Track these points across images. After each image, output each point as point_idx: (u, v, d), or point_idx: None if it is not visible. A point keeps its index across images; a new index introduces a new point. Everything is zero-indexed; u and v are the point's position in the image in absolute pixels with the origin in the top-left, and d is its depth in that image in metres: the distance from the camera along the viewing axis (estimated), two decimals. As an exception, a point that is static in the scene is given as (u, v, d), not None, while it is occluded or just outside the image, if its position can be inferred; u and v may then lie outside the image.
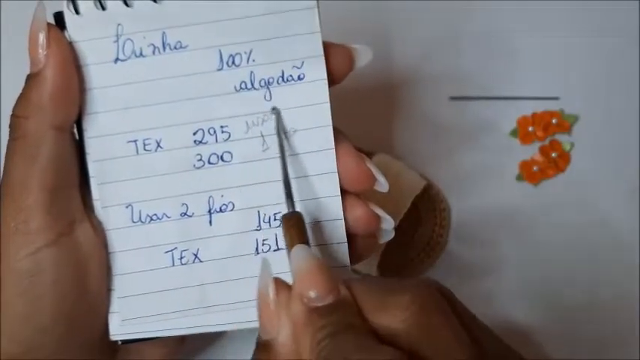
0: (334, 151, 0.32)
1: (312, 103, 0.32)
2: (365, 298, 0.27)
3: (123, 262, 0.33)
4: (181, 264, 0.33)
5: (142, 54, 0.31)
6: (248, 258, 0.33)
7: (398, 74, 0.50)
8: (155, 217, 0.32)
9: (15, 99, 0.31)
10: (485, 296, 0.46)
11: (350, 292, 0.27)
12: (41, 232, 0.30)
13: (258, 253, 0.33)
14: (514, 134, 0.49)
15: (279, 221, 0.33)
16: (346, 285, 0.28)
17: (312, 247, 0.30)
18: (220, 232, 0.33)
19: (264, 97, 0.32)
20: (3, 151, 0.31)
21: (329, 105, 0.32)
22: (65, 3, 0.31)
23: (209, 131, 0.32)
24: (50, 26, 0.30)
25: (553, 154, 0.49)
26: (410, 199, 0.45)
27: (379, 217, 0.33)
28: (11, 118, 0.31)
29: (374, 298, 0.27)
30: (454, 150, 0.49)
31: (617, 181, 0.48)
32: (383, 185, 0.33)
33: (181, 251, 0.33)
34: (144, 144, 0.32)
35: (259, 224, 0.33)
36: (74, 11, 0.31)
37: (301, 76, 0.32)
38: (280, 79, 0.32)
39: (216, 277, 0.33)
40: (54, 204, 0.30)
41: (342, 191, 0.33)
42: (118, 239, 0.32)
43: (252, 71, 0.32)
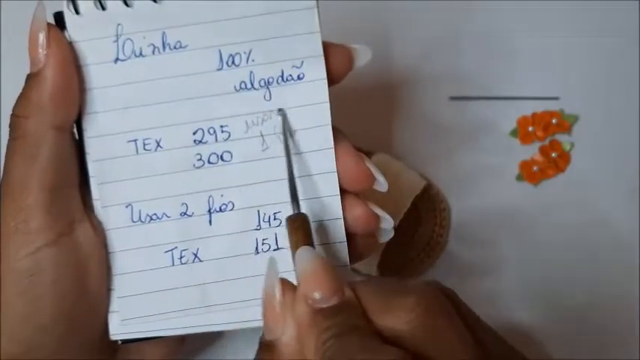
0: (333, 151, 0.32)
1: (312, 102, 0.32)
2: (370, 299, 0.27)
3: (123, 262, 0.33)
4: (181, 263, 0.33)
5: (141, 54, 0.31)
6: (248, 257, 0.33)
7: (398, 74, 0.50)
8: (155, 217, 0.32)
9: (15, 99, 0.31)
10: (486, 296, 0.46)
11: (355, 294, 0.28)
12: (41, 232, 0.30)
13: (258, 252, 0.33)
14: (514, 134, 0.49)
15: (279, 220, 0.33)
16: (351, 286, 0.28)
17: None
18: (220, 231, 0.33)
19: (263, 96, 0.32)
20: (3, 151, 0.31)
21: (328, 105, 0.32)
22: (65, 3, 0.31)
23: (209, 131, 0.32)
24: (50, 26, 0.30)
25: (553, 154, 0.49)
26: (410, 199, 0.45)
27: (378, 216, 0.33)
28: (11, 117, 0.31)
29: (379, 299, 0.27)
30: (454, 150, 0.49)
31: (617, 181, 0.48)
32: (382, 185, 0.33)
33: (181, 251, 0.33)
34: (144, 144, 0.32)
35: (259, 224, 0.33)
36: (74, 11, 0.31)
37: (301, 76, 0.32)
38: (280, 78, 0.32)
39: (216, 277, 0.33)
40: (54, 204, 0.30)
41: (342, 191, 0.33)
42: (117, 239, 0.32)
43: (251, 71, 0.32)
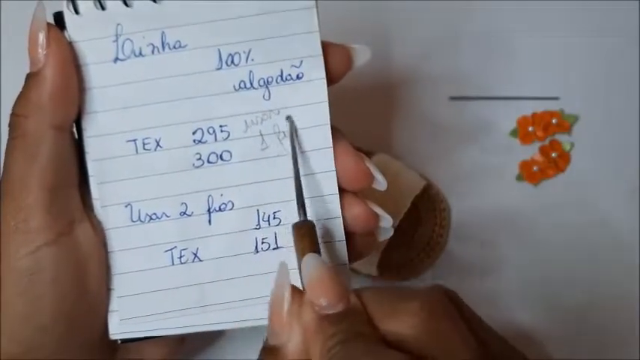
0: (332, 150, 0.32)
1: (311, 102, 0.32)
2: (374, 305, 0.28)
3: (122, 262, 0.33)
4: (181, 263, 0.33)
5: (141, 53, 0.31)
6: (247, 257, 0.33)
7: (398, 74, 0.50)
8: (154, 217, 0.33)
9: (15, 98, 0.31)
10: (486, 296, 0.46)
11: (360, 300, 0.28)
12: (41, 231, 0.30)
13: (257, 251, 0.33)
14: (514, 134, 0.49)
15: (278, 220, 0.33)
16: (356, 293, 0.28)
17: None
18: (220, 231, 0.33)
19: (263, 96, 0.32)
20: (3, 151, 0.31)
21: (327, 104, 0.32)
22: (65, 3, 0.31)
23: (208, 130, 0.32)
24: (50, 26, 0.30)
25: (553, 154, 0.49)
26: (410, 198, 0.45)
27: (377, 215, 0.33)
28: (11, 117, 0.31)
29: (383, 305, 0.28)
30: (454, 150, 0.49)
31: (617, 181, 0.48)
32: (381, 184, 0.33)
33: (181, 250, 0.33)
34: (143, 143, 0.32)
35: (258, 223, 0.33)
36: (74, 11, 0.31)
37: (300, 75, 0.32)
38: (279, 78, 0.32)
39: (216, 276, 0.33)
40: (54, 203, 0.30)
41: (341, 190, 0.33)
42: (117, 238, 0.33)
43: (251, 70, 0.32)
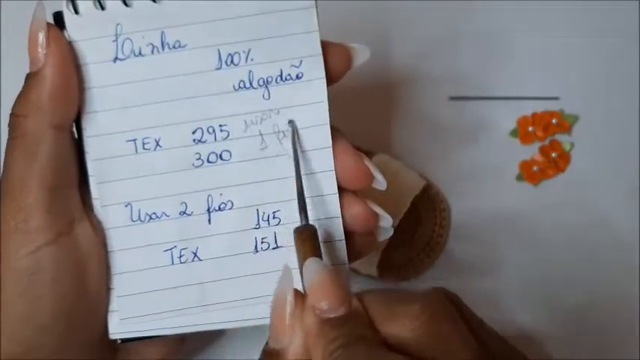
0: (331, 149, 0.32)
1: (310, 101, 0.32)
2: (376, 308, 0.28)
3: (122, 261, 0.33)
4: (180, 262, 0.33)
5: (140, 53, 0.31)
6: (247, 256, 0.33)
7: (397, 74, 0.50)
8: (154, 216, 0.33)
9: (15, 98, 0.31)
10: (486, 296, 0.46)
11: (361, 304, 0.28)
12: (41, 231, 0.30)
13: (257, 251, 0.33)
14: (514, 134, 0.49)
15: (278, 219, 0.33)
16: (358, 296, 0.28)
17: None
18: (219, 230, 0.33)
19: (262, 96, 0.32)
20: (3, 150, 0.31)
21: (327, 103, 0.32)
22: (65, 3, 0.31)
23: (208, 130, 0.32)
24: (50, 26, 0.30)
25: (553, 154, 0.49)
26: (410, 198, 0.45)
27: (377, 214, 0.33)
28: (10, 117, 0.31)
29: (384, 308, 0.28)
30: (454, 150, 0.49)
31: (617, 181, 0.48)
32: (381, 183, 0.33)
33: (180, 250, 0.33)
34: (143, 143, 0.32)
35: (258, 222, 0.33)
36: (73, 11, 0.31)
37: (300, 75, 0.32)
38: (279, 77, 0.32)
39: (215, 276, 0.33)
40: (54, 203, 0.30)
41: (340, 189, 0.33)
42: (117, 238, 0.33)
43: (250, 70, 0.32)
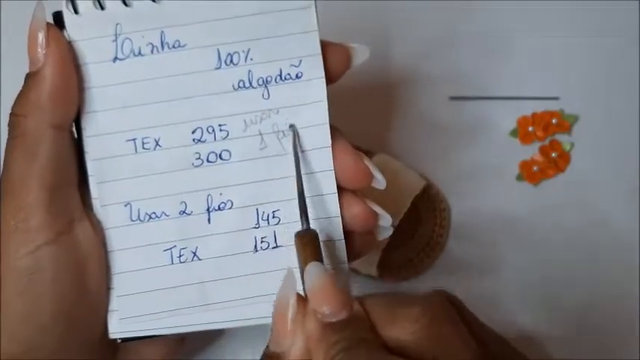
0: (331, 149, 0.32)
1: (310, 101, 0.32)
2: (377, 312, 0.28)
3: (122, 261, 0.33)
4: (180, 262, 0.33)
5: (140, 53, 0.31)
6: (247, 256, 0.33)
7: (397, 74, 0.50)
8: (154, 216, 0.33)
9: (15, 98, 0.31)
10: (485, 296, 0.46)
11: (362, 308, 0.28)
12: (41, 231, 0.30)
13: (256, 250, 0.33)
14: (514, 134, 0.49)
15: (277, 219, 0.33)
16: (359, 300, 0.28)
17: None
18: (219, 230, 0.33)
19: (262, 95, 0.32)
20: (3, 150, 0.31)
21: (326, 103, 0.32)
22: (64, 3, 0.31)
23: (207, 130, 0.32)
24: (49, 26, 0.30)
25: (553, 154, 0.49)
26: (410, 198, 0.45)
27: (377, 214, 0.33)
28: (10, 116, 0.31)
29: (385, 311, 0.28)
30: (454, 150, 0.49)
31: (617, 181, 0.48)
32: (380, 182, 0.33)
33: (180, 249, 0.33)
34: (142, 142, 0.32)
35: (258, 222, 0.33)
36: (73, 11, 0.31)
37: (299, 75, 0.32)
38: (278, 77, 0.32)
39: (215, 275, 0.33)
40: (53, 202, 0.31)
41: (340, 189, 0.33)
42: (116, 238, 0.33)
43: (250, 70, 0.32)
